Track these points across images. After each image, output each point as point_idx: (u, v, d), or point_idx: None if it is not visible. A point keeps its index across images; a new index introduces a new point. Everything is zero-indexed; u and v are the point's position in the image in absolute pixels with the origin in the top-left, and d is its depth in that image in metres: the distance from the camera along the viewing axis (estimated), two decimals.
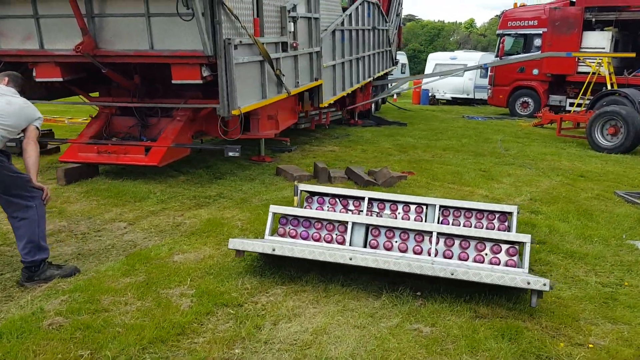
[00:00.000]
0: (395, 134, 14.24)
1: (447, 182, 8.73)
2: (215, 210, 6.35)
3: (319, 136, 13.52)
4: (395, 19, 20.48)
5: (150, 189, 7.12)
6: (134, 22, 6.83)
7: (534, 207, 7.37)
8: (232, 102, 6.83)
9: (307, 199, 6.20)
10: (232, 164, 9.24)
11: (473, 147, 12.61)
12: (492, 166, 10.24)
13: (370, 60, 15.76)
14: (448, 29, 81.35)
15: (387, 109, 22.45)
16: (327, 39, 11.31)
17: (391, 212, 6.05)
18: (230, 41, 6.64)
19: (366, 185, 7.96)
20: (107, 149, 7.31)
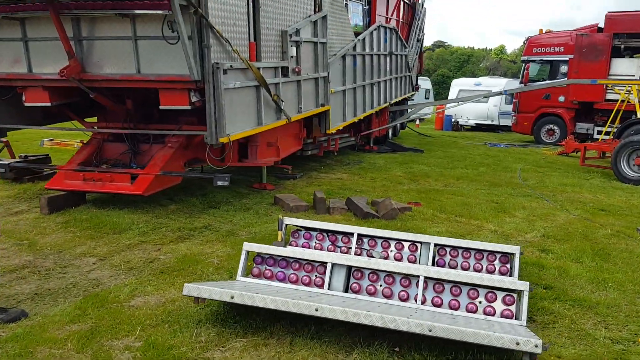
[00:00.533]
0: (409, 161, 13.75)
1: (454, 215, 8.20)
2: (196, 245, 5.96)
3: (329, 162, 13.12)
4: (416, 45, 20.14)
5: (134, 219, 6.79)
6: (121, 45, 6.60)
7: (546, 245, 6.79)
8: (220, 129, 6.49)
9: (293, 233, 5.78)
10: (230, 192, 8.89)
11: (490, 176, 12.04)
12: (507, 198, 9.66)
13: (387, 85, 15.39)
14: (477, 55, 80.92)
15: (407, 134, 21.97)
16: (336, 63, 10.98)
17: (383, 250, 5.58)
18: (219, 66, 6.32)
19: (365, 217, 7.49)
20: (92, 177, 7.04)
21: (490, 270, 5.32)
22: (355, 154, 14.77)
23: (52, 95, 7.05)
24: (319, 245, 5.65)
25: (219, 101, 6.39)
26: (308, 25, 9.31)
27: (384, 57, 15.00)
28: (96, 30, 6.65)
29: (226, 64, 6.48)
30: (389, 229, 7.05)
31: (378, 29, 14.17)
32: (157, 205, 7.59)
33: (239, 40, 6.96)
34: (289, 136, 9.49)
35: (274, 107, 8.02)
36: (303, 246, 5.67)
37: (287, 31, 8.37)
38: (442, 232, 7.10)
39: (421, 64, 22.44)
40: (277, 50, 8.20)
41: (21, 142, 13.73)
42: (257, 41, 7.60)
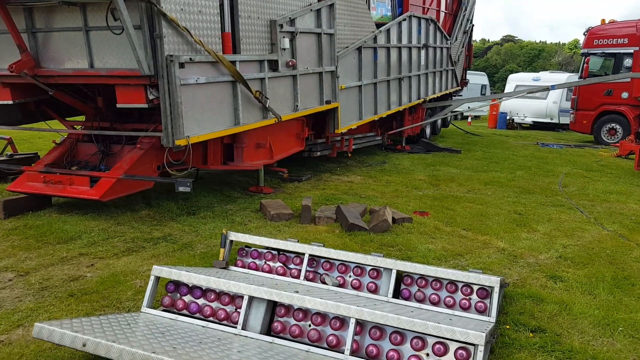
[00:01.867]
0: (439, 163, 12.64)
1: (461, 229, 7.17)
2: (138, 260, 5.30)
3: (350, 163, 12.23)
4: (462, 37, 18.83)
5: (90, 226, 6.22)
6: (73, 37, 6.04)
7: (558, 270, 5.69)
8: (177, 130, 5.80)
9: (240, 251, 5.01)
10: (219, 196, 8.21)
11: (525, 181, 10.79)
12: (534, 208, 8.48)
13: (420, 80, 14.31)
14: (549, 50, 77.11)
15: (452, 133, 20.67)
16: (349, 57, 10.09)
17: (339, 275, 4.71)
18: (173, 58, 5.62)
19: (350, 230, 6.61)
20: (52, 179, 6.54)
21: (465, 307, 4.34)
22: (382, 154, 13.79)
23: (13, 93, 6.58)
24: (267, 266, 4.85)
25: (174, 99, 5.70)
26: (308, 15, 8.47)
27: (417, 49, 13.93)
28: (49, 21, 6.12)
29: (183, 56, 5.77)
30: (371, 244, 6.18)
31: (409, 19, 13.12)
32: (127, 210, 7.02)
33: (207, 30, 6.24)
34: (287, 136, 8.71)
35: (258, 104, 7.26)
36: (249, 267, 4.89)
37: (277, 21, 7.57)
38: (435, 250, 6.13)
39: (470, 58, 21.07)
40: (263, 41, 7.43)
41: (44, 138, 13.65)
42: (235, 31, 6.86)
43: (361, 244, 6.18)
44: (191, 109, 5.99)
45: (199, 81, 6.04)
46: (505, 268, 5.76)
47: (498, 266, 5.77)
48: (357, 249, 5.98)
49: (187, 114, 5.91)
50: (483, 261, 5.91)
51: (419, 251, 6.06)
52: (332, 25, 9.24)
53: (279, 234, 6.48)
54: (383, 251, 6.03)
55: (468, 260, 5.94)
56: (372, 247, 6.10)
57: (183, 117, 5.80)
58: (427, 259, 5.81)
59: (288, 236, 6.35)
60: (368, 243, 6.24)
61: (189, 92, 5.93)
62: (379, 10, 12.58)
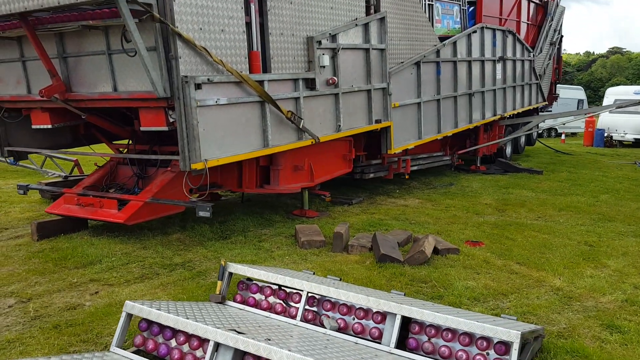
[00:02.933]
0: (513, 185, 11.63)
1: (515, 262, 6.36)
2: (146, 288, 5.08)
3: (413, 185, 11.57)
4: (549, 49, 17.54)
5: (113, 250, 6.13)
6: (98, 61, 6.02)
7: (619, 318, 4.79)
8: (193, 154, 5.55)
9: (239, 284, 4.64)
10: (258, 219, 7.92)
11: (607, 207, 9.60)
12: (610, 238, 7.43)
13: (497, 95, 13.36)
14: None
15: (540, 151, 19.24)
16: (404, 72, 9.52)
17: (340, 318, 4.19)
18: (188, 79, 5.40)
19: (381, 261, 6.04)
20: (84, 201, 6.55)
21: None
22: (452, 175, 12.95)
23: (52, 117, 6.70)
24: (266, 303, 4.43)
25: (190, 121, 5.47)
26: (353, 30, 8.04)
27: (492, 63, 13.03)
28: (77, 46, 6.15)
29: (200, 77, 5.53)
30: (401, 278, 5.58)
31: (480, 31, 12.30)
32: (159, 234, 6.90)
33: (230, 49, 6.00)
34: (330, 158, 8.27)
35: (292, 125, 6.91)
36: (248, 302, 4.49)
37: (315, 37, 7.22)
38: (475, 288, 5.41)
39: (559, 70, 19.59)
40: (299, 59, 7.09)
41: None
42: (265, 50, 6.57)
43: (389, 279, 5.60)
44: (210, 131, 5.74)
45: (219, 102, 5.79)
46: (555, 313, 4.94)
47: (546, 310, 4.97)
48: (382, 285, 5.41)
49: (205, 137, 5.67)
50: (530, 303, 5.12)
51: (454, 289, 5.37)
52: (383, 40, 8.74)
53: (303, 263, 6.05)
54: (413, 287, 5.42)
55: (512, 301, 5.17)
56: (401, 283, 5.50)
57: (200, 139, 5.56)
58: (461, 299, 5.13)
59: (311, 266, 5.91)
60: (397, 277, 5.64)
61: (207, 114, 5.69)
62: (444, 23, 11.89)
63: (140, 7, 5.06)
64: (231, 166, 7.27)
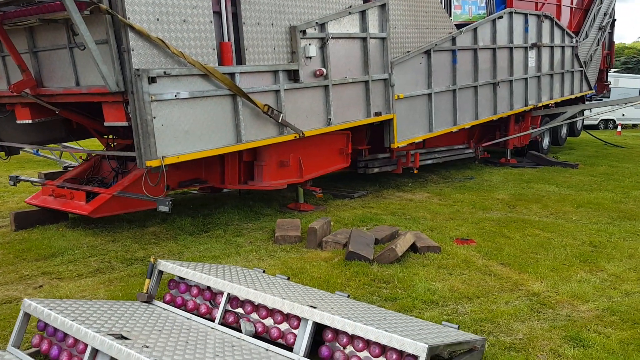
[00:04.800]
0: (538, 179, 10.94)
1: (498, 263, 5.93)
2: (91, 283, 5.04)
3: (430, 178, 11.12)
4: (597, 33, 16.41)
5: (80, 242, 6.16)
6: (63, 55, 6.02)
7: (589, 329, 4.34)
8: (148, 150, 5.46)
9: (169, 283, 4.52)
10: (247, 212, 7.79)
11: (636, 204, 8.86)
12: (621, 239, 6.84)
13: (529, 84, 12.61)
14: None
15: (587, 143, 18.11)
16: (411, 62, 9.10)
17: (258, 321, 3.99)
18: (141, 73, 5.30)
19: (348, 258, 5.77)
20: (57, 193, 6.65)
21: None
22: (477, 169, 12.35)
23: (32, 112, 6.74)
24: (192, 303, 4.29)
25: (142, 116, 5.38)
26: (347, 18, 7.72)
27: (523, 50, 12.30)
28: (44, 40, 6.17)
29: (155, 70, 5.42)
30: (362, 277, 5.30)
31: (509, 17, 11.62)
32: (136, 226, 6.91)
33: (195, 40, 5.85)
34: (323, 152, 7.99)
35: (271, 120, 6.71)
36: (176, 302, 4.37)
37: (298, 27, 6.97)
38: (438, 291, 5.05)
39: (611, 57, 18.32)
40: (281, 50, 6.87)
41: None
42: (239, 40, 6.40)
43: (349, 278, 5.32)
44: (170, 126, 5.62)
45: (179, 96, 5.65)
46: (518, 321, 4.53)
47: (508, 317, 4.56)
48: (339, 284, 5.15)
49: (164, 132, 5.54)
50: (493, 309, 4.72)
51: (413, 290, 5.04)
52: (384, 29, 8.36)
53: (269, 259, 5.87)
54: (371, 288, 5.13)
55: (473, 307, 4.79)
56: (360, 282, 5.22)
57: (156, 135, 5.45)
58: (415, 302, 4.80)
59: (274, 263, 5.72)
60: (359, 276, 5.35)
61: (166, 108, 5.56)
62: (465, 8, 11.31)
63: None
64: (214, 161, 7.18)
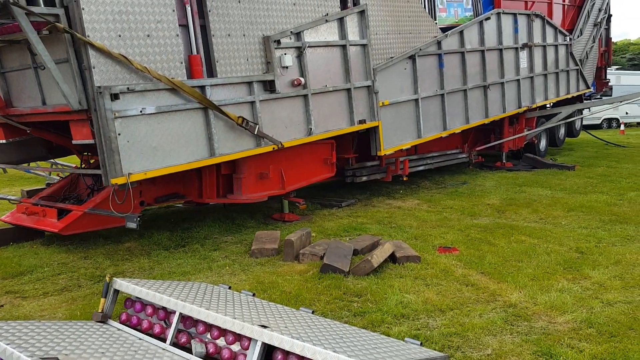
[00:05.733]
0: (532, 183, 10.75)
1: (478, 272, 5.77)
2: (54, 302, 4.94)
3: (423, 184, 10.97)
4: (592, 30, 16.21)
5: (52, 260, 6.09)
6: (29, 75, 5.99)
7: (563, 344, 4.17)
8: (112, 168, 5.37)
9: (126, 302, 4.41)
10: (229, 225, 7.70)
11: (630, 206, 8.66)
12: (610, 244, 6.66)
13: (521, 86, 12.44)
14: None
15: (587, 143, 17.86)
16: (395, 68, 8.98)
17: (210, 341, 3.87)
18: (102, 90, 5.22)
19: (323, 271, 5.64)
20: (30, 210, 6.61)
21: None
22: (472, 173, 12.17)
23: (6, 132, 6.69)
24: (147, 323, 4.18)
25: (106, 133, 5.30)
26: (324, 26, 7.62)
27: (514, 51, 12.15)
28: (11, 61, 6.16)
29: (118, 86, 5.34)
30: (334, 291, 5.18)
31: (496, 17, 11.49)
32: (112, 242, 6.83)
33: (161, 54, 5.75)
34: (306, 163, 7.87)
35: (247, 132, 6.61)
36: (131, 322, 4.26)
37: (272, 37, 6.88)
38: (411, 304, 4.90)
39: (609, 54, 18.07)
40: (255, 61, 6.77)
41: None
42: (210, 52, 6.32)
43: (320, 292, 5.18)
44: (136, 143, 5.52)
45: (145, 112, 5.56)
46: (489, 335, 4.37)
47: (479, 331, 4.40)
48: (309, 299, 5.02)
49: (130, 148, 5.45)
50: (466, 322, 4.56)
51: (385, 304, 4.89)
52: (365, 35, 8.25)
53: (242, 274, 5.74)
54: (342, 302, 4.99)
55: (445, 320, 4.62)
56: (331, 296, 5.08)
57: (120, 152, 5.36)
58: (385, 316, 4.65)
59: (246, 277, 5.60)
60: (330, 290, 5.22)
61: (131, 125, 5.47)
62: (451, 11, 11.15)
63: (42, 19, 4.94)
64: (192, 176, 7.09)
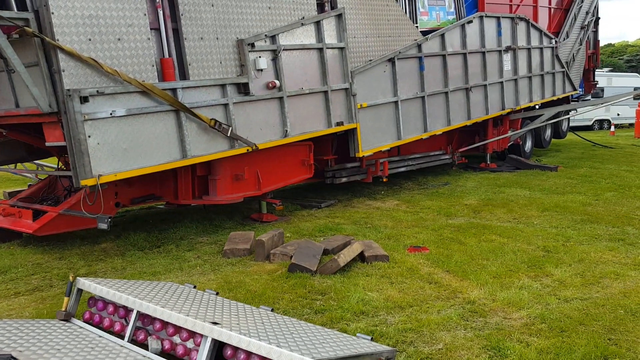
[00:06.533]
0: (512, 184, 10.87)
1: (443, 270, 5.89)
2: (23, 303, 5.05)
3: (406, 185, 11.10)
4: (579, 33, 16.35)
5: (27, 260, 6.21)
6: (2, 77, 6.09)
7: (513, 339, 4.31)
8: (82, 169, 5.48)
9: (89, 301, 4.53)
10: (206, 225, 7.82)
11: (605, 206, 8.77)
12: (577, 243, 6.81)
13: (505, 88, 12.57)
14: None
15: (575, 144, 17.99)
16: (374, 71, 9.11)
17: (167, 338, 3.99)
18: (71, 93, 5.34)
19: (290, 270, 5.76)
20: (7, 212, 6.73)
21: None
22: (456, 174, 12.28)
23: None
24: (109, 321, 4.30)
25: (75, 135, 5.42)
26: (300, 29, 7.75)
27: (497, 54, 12.28)
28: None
29: (87, 89, 5.45)
30: (299, 289, 5.30)
31: (479, 20, 11.63)
32: (88, 242, 6.95)
33: (131, 58, 5.87)
34: (283, 164, 7.99)
35: (220, 134, 6.73)
36: (93, 320, 4.38)
37: (245, 40, 7.00)
38: (372, 301, 5.02)
39: (596, 56, 18.21)
40: (228, 64, 6.89)
41: None
42: (182, 55, 6.44)
43: (286, 290, 5.30)
44: (107, 145, 5.63)
45: (115, 114, 5.68)
46: (443, 330, 4.50)
47: (434, 327, 4.52)
48: (273, 297, 5.14)
49: (100, 150, 5.56)
50: (423, 318, 4.69)
51: (347, 302, 5.01)
52: (342, 38, 8.38)
53: (211, 274, 5.87)
54: (306, 300, 5.11)
55: (403, 316, 4.75)
56: (296, 295, 5.20)
57: (90, 154, 5.48)
58: (344, 313, 4.78)
59: (214, 277, 5.72)
60: (296, 288, 5.33)
61: (102, 127, 5.58)
62: (432, 14, 11.28)
63: (11, 23, 5.07)
64: (167, 177, 7.21)
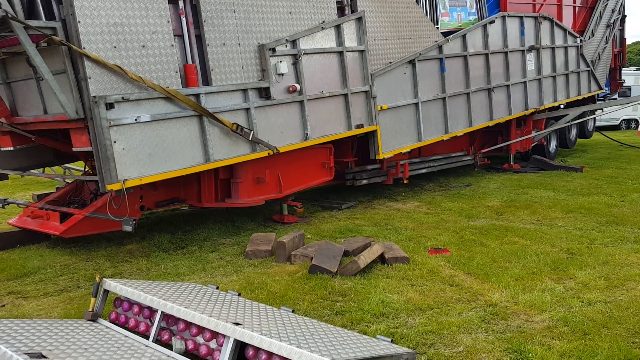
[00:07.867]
0: (536, 185, 10.77)
1: (464, 272, 5.89)
2: (52, 302, 5.18)
3: (427, 187, 11.07)
4: (605, 31, 16.10)
5: (54, 262, 6.36)
6: (32, 85, 6.28)
7: (535, 341, 4.29)
8: (108, 174, 5.63)
9: (115, 301, 4.65)
10: (229, 227, 7.93)
11: (631, 208, 8.68)
12: (601, 245, 6.75)
13: (528, 88, 12.46)
14: None
15: (601, 144, 17.70)
16: (394, 73, 9.11)
17: (190, 338, 4.08)
18: (97, 99, 5.49)
19: (312, 272, 5.81)
20: (35, 214, 6.91)
21: None
22: (478, 175, 12.20)
23: (13, 140, 6.97)
24: (134, 321, 4.41)
25: (101, 141, 5.56)
26: (320, 33, 7.81)
27: (520, 53, 12.18)
28: (15, 71, 6.46)
29: (113, 96, 5.60)
30: (320, 291, 5.35)
31: (502, 20, 11.54)
32: (114, 244, 7.10)
33: (156, 64, 6.00)
34: (304, 167, 8.05)
35: (241, 138, 6.83)
36: (119, 320, 4.50)
37: (266, 45, 7.09)
38: (393, 303, 5.05)
39: (623, 54, 17.91)
40: (250, 69, 6.98)
41: None
42: (205, 61, 6.56)
43: (307, 292, 5.36)
44: (132, 150, 5.77)
45: (139, 120, 5.80)
46: (464, 332, 4.50)
47: (456, 329, 4.53)
48: (294, 298, 5.20)
49: (125, 155, 5.70)
50: (443, 321, 4.70)
51: (367, 303, 5.04)
52: (362, 41, 8.42)
53: (234, 275, 5.95)
54: (326, 302, 5.16)
55: (424, 318, 4.76)
56: (316, 296, 5.25)
57: (116, 159, 5.62)
58: (365, 315, 4.81)
59: (237, 278, 5.80)
60: (316, 290, 5.38)
61: (127, 132, 5.72)
62: (454, 15, 11.24)
63: (39, 32, 5.23)
64: (191, 180, 7.33)
